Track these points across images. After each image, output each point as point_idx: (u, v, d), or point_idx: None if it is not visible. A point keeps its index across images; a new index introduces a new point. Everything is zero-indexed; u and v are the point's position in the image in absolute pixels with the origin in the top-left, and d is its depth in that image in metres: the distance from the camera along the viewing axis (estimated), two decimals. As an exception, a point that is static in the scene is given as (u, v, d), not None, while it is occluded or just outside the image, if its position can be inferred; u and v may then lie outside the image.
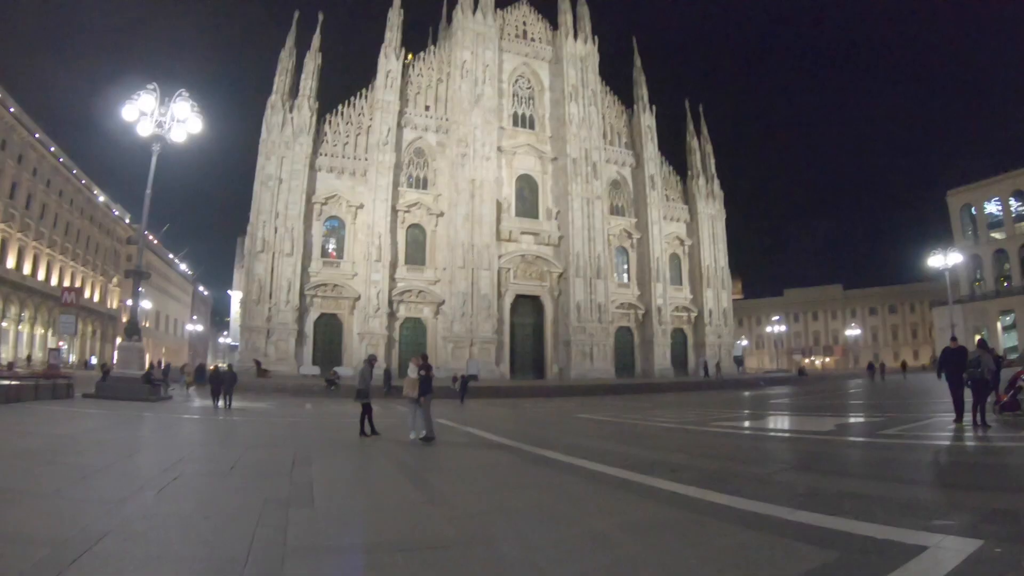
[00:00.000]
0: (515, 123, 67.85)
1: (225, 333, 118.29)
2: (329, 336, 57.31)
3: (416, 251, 61.37)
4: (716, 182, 78.81)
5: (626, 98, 76.62)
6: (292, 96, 58.17)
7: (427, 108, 64.13)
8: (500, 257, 62.25)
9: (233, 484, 9.10)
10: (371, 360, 17.29)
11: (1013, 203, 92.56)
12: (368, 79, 62.11)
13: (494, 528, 6.45)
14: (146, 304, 72.59)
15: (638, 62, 76.43)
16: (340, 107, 61.24)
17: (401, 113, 61.69)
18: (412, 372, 14.80)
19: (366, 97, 61.75)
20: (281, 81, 58.24)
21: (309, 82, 58.70)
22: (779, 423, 21.24)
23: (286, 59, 59.10)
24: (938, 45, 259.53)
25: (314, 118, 58.20)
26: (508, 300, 63.21)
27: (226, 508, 7.32)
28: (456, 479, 10.19)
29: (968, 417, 15.05)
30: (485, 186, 61.79)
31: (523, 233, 64.91)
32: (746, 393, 43.50)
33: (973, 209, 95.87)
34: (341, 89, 63.93)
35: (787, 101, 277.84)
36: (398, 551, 5.51)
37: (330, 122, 60.18)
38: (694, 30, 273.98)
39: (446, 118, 63.80)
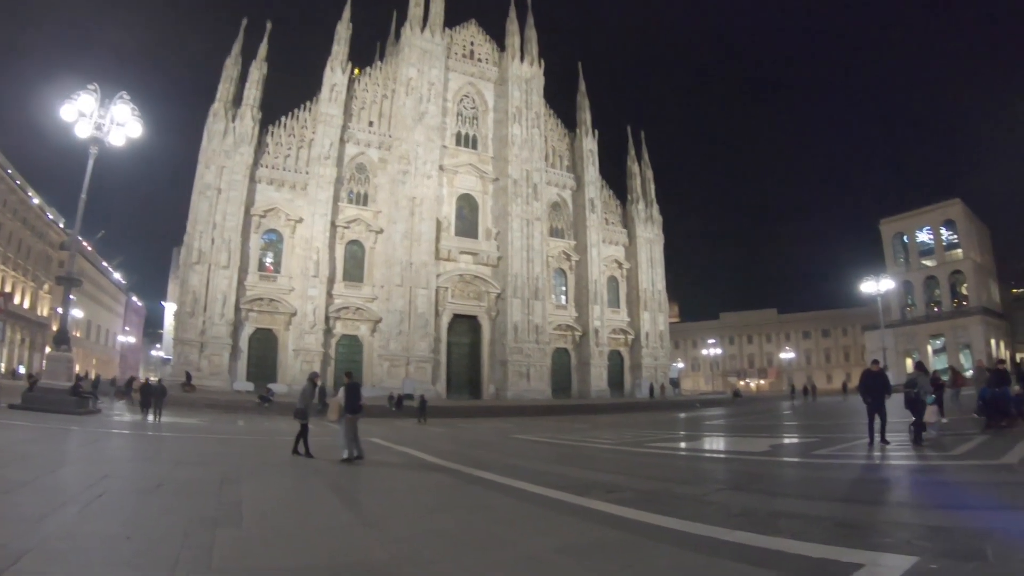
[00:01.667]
0: (458, 142, 69.86)
1: (158, 346, 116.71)
2: (264, 352, 57.77)
3: (354, 267, 62.24)
4: (655, 207, 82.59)
5: (569, 122, 79.79)
6: (235, 105, 58.94)
7: (371, 124, 65.59)
8: (438, 276, 63.88)
9: (159, 502, 9.11)
10: (313, 378, 17.03)
11: (944, 232, 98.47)
12: (313, 92, 63.49)
13: (427, 551, 6.50)
14: (77, 313, 71.93)
15: (583, 86, 79.94)
16: (283, 118, 62.14)
17: (344, 128, 63.14)
18: (341, 396, 15.25)
19: (310, 110, 62.88)
20: (225, 89, 58.92)
21: (253, 91, 59.54)
22: (715, 444, 22.14)
23: (231, 67, 59.99)
24: (874, 78, 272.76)
25: (256, 128, 59.02)
26: (445, 319, 64.75)
27: (151, 528, 7.28)
28: (390, 501, 10.42)
29: (909, 435, 16.09)
30: (425, 204, 63.50)
31: (462, 252, 66.70)
32: (682, 414, 45.20)
33: (905, 237, 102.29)
34: (286, 101, 64.72)
35: (727, 130, 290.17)
36: (328, 574, 5.60)
37: (272, 133, 60.98)
38: (639, 58, 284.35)
39: (389, 134, 65.23)
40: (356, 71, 67.14)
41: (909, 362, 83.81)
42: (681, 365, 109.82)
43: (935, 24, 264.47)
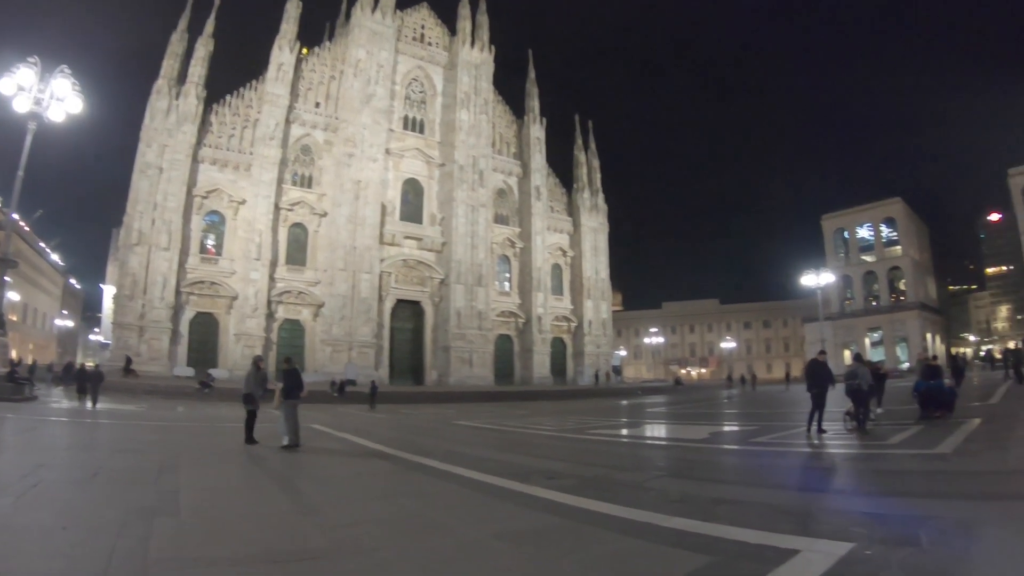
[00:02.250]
0: (405, 126, 70.87)
1: (96, 330, 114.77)
2: (205, 336, 57.85)
3: (297, 251, 62.88)
4: (601, 196, 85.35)
5: (518, 109, 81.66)
6: (180, 82, 58.49)
7: (317, 105, 65.87)
8: (382, 261, 65.17)
9: (96, 492, 9.14)
10: (257, 362, 16.98)
11: (884, 229, 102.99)
12: (260, 71, 63.52)
13: (367, 538, 6.57)
14: (13, 296, 71.44)
15: (532, 74, 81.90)
16: (228, 97, 61.87)
17: (290, 108, 63.26)
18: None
19: (256, 89, 62.76)
20: (169, 65, 58.26)
21: (198, 69, 59.06)
22: (655, 431, 22.65)
23: (177, 43, 59.35)
24: (823, 80, 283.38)
25: (201, 107, 58.70)
26: (389, 304, 66.15)
27: (87, 518, 7.29)
28: (330, 488, 10.45)
29: (844, 424, 16.71)
30: (370, 188, 64.54)
31: (406, 237, 68.01)
32: (624, 402, 46.40)
33: (846, 233, 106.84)
34: (232, 79, 64.09)
35: (675, 123, 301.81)
36: (266, 563, 5.61)
37: (217, 112, 60.72)
38: (590, 48, 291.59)
39: (336, 116, 65.74)
40: (304, 51, 67.49)
41: (847, 354, 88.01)
42: (623, 353, 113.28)
43: (884, 30, 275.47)
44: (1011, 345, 76.33)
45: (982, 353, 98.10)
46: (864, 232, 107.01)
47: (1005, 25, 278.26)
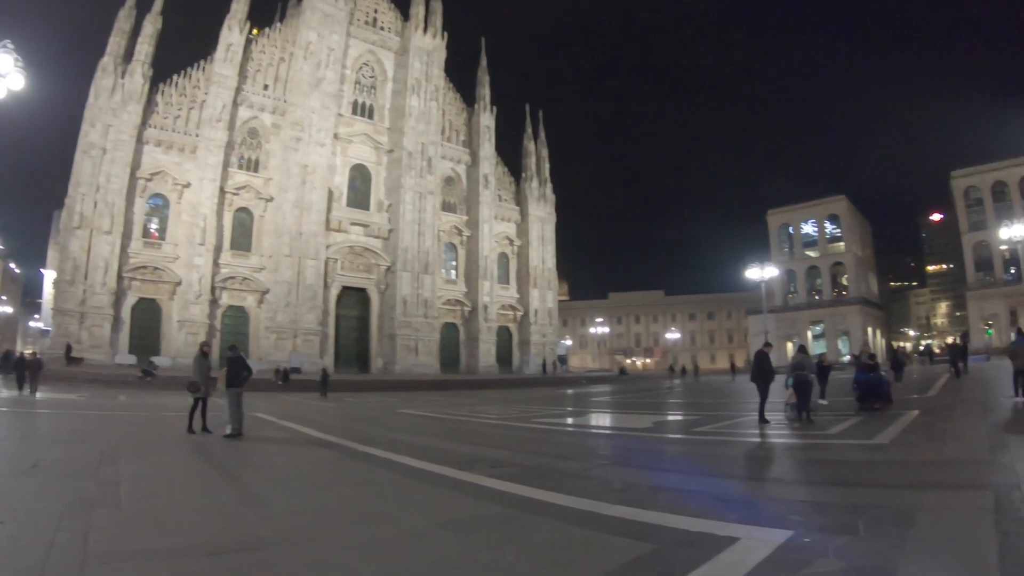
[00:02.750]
0: (354, 111, 71.70)
1: (37, 316, 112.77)
2: (147, 323, 57.73)
3: (242, 236, 63.21)
4: (549, 186, 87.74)
5: (468, 97, 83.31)
6: (127, 60, 57.97)
7: (266, 87, 66.02)
8: (328, 247, 66.16)
9: (34, 484, 9.11)
10: (204, 350, 16.82)
11: (828, 226, 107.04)
12: (209, 51, 63.34)
13: (310, 528, 6.61)
14: None
15: (484, 62, 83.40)
16: (176, 77, 61.60)
17: (238, 90, 63.40)
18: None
19: (204, 69, 62.69)
20: (116, 43, 57.83)
21: (146, 47, 58.88)
22: (600, 420, 23.06)
23: (124, 19, 58.82)
24: (773, 77, 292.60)
25: (147, 86, 58.29)
26: (334, 291, 67.15)
27: (25, 510, 7.27)
28: (274, 477, 10.54)
29: (780, 415, 17.15)
30: (317, 173, 65.33)
31: (353, 224, 69.04)
32: (569, 391, 47.89)
33: (791, 228, 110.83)
34: (179, 59, 63.38)
35: (625, 115, 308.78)
36: (208, 555, 5.63)
37: (163, 92, 60.38)
38: (543, 39, 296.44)
39: (284, 99, 65.99)
40: (255, 31, 67.38)
41: (790, 346, 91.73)
42: (569, 342, 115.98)
43: (836, 34, 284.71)
44: (949, 340, 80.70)
45: (921, 348, 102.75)
46: (809, 228, 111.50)
47: (951, 34, 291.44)
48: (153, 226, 59.56)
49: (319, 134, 65.80)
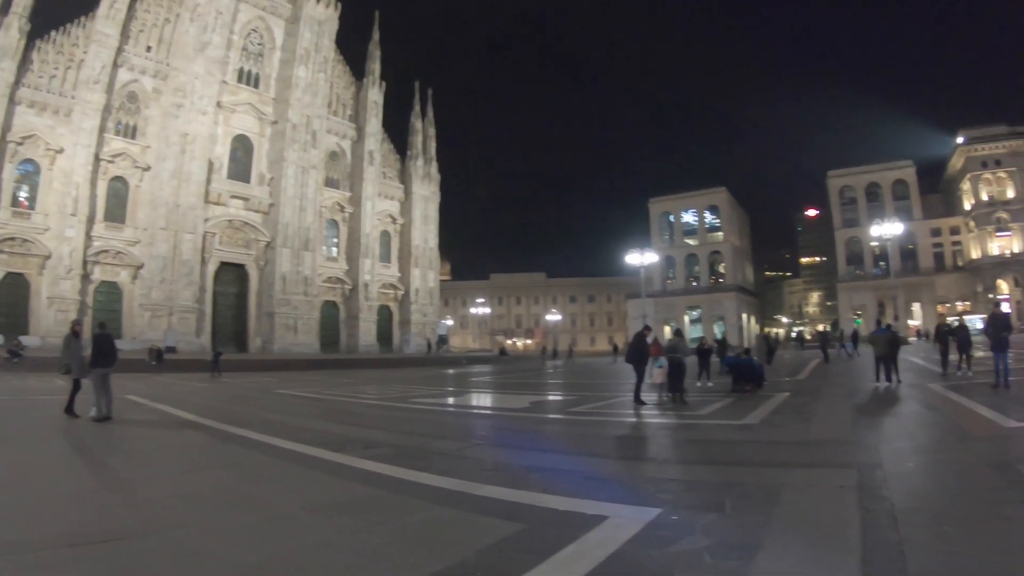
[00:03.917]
0: (239, 79, 72.40)
1: None
2: (14, 299, 56.47)
3: (117, 207, 62.83)
4: (434, 165, 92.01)
5: (358, 71, 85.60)
6: (3, 13, 56.03)
7: (149, 49, 65.70)
8: (206, 221, 67.02)
9: None
10: (76, 328, 16.38)
11: (708, 216, 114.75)
12: (91, 6, 61.85)
13: (176, 515, 6.68)
14: None
15: (376, 36, 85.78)
16: (54, 33, 60.06)
17: (120, 51, 62.75)
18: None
19: (84, 27, 61.33)
20: None
21: None
22: (478, 400, 23.37)
23: None
24: (662, 71, 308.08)
25: (23, 42, 56.91)
26: (212, 267, 68.06)
27: None
28: (140, 462, 10.44)
29: (655, 396, 17.75)
30: (198, 142, 65.81)
31: (233, 197, 70.05)
32: (450, 371, 48.67)
33: (671, 217, 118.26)
34: (60, 14, 61.17)
35: (514, 98, 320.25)
36: (67, 546, 5.51)
37: (40, 49, 58.89)
38: (437, 16, 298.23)
39: (167, 63, 65.93)
40: (143, -13, 66.32)
41: (667, 329, 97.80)
42: (450, 323, 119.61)
43: (722, 32, 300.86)
44: (820, 328, 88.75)
45: (794, 334, 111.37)
46: (689, 217, 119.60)
47: (835, 40, 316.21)
48: (23, 194, 58.34)
49: (202, 101, 66.10)
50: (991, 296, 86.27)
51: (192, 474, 9.16)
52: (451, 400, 22.61)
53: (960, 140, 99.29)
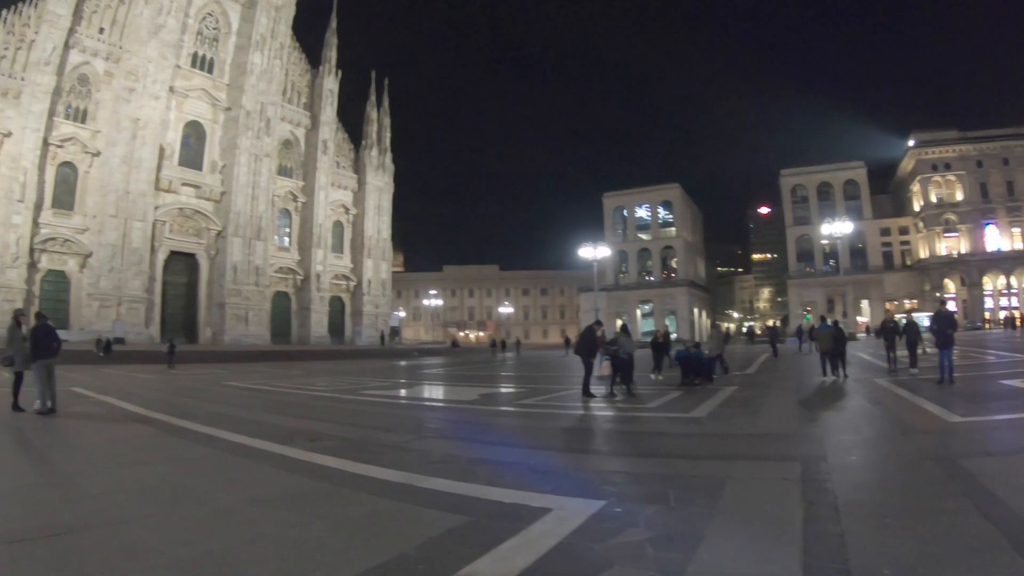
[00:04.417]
0: (193, 64, 72.25)
1: None
2: None
3: (65, 193, 62.22)
4: (389, 155, 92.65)
5: (314, 58, 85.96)
6: None
7: (101, 31, 65.05)
8: (157, 208, 66.92)
9: None
10: (19, 318, 15.93)
11: (661, 211, 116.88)
12: None
13: (118, 510, 6.64)
14: None
15: (334, 24, 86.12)
16: (4, 13, 59.08)
17: (71, 31, 61.89)
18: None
19: (36, 6, 60.29)
20: None
21: None
22: (428, 392, 23.73)
23: None
24: (620, 67, 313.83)
25: None
26: (162, 256, 68.01)
27: None
28: (82, 456, 10.32)
29: (604, 389, 17.78)
30: (150, 127, 65.48)
31: (184, 184, 69.98)
32: (402, 362, 49.18)
33: (625, 211, 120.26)
34: None
35: (470, 90, 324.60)
36: (7, 543, 5.45)
37: None
38: (397, 5, 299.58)
39: (120, 45, 65.41)
40: (97, -33, 65.59)
41: (619, 322, 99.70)
42: (403, 314, 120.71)
43: (679, 30, 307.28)
44: (770, 323, 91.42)
45: (744, 329, 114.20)
46: (642, 212, 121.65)
47: (788, 43, 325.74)
48: (-32, 181, 56.87)
49: (154, 86, 65.79)
50: (938, 295, 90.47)
51: (136, 468, 9.08)
52: (402, 392, 23.05)
53: (911, 143, 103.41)
